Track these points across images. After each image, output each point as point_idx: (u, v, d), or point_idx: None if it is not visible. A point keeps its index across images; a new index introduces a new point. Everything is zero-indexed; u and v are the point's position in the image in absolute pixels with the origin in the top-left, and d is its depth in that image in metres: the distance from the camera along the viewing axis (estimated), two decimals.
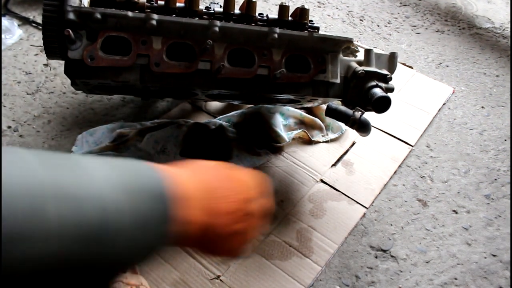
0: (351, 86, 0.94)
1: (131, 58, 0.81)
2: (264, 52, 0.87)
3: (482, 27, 1.84)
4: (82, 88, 0.98)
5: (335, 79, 0.92)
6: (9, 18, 1.58)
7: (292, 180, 1.15)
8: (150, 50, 0.82)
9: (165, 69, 0.83)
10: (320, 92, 0.93)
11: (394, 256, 1.03)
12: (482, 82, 1.56)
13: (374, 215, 1.11)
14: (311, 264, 0.98)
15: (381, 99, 0.88)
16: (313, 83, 0.92)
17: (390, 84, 0.94)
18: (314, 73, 0.90)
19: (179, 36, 0.84)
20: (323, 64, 0.91)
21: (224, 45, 0.85)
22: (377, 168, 1.20)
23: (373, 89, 0.90)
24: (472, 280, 0.99)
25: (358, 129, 0.97)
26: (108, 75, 0.82)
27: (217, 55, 0.85)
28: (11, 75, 1.42)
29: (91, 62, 0.80)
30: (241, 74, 0.87)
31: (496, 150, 1.31)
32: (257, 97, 1.02)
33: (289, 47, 0.89)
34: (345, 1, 1.95)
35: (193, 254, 0.97)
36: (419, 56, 1.66)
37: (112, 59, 0.81)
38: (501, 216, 1.13)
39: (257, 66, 0.87)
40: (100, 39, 0.80)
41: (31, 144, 1.21)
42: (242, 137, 1.22)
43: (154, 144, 1.13)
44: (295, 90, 0.91)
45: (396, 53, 0.99)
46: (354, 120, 0.95)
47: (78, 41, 0.80)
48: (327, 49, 0.91)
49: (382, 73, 0.93)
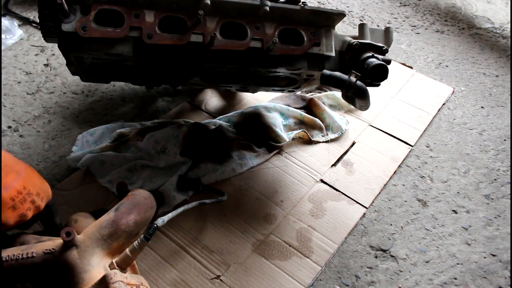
0: (347, 59, 0.94)
1: (123, 29, 0.83)
2: (257, 25, 0.88)
3: (481, 27, 1.84)
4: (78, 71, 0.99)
5: (330, 52, 0.92)
6: (9, 18, 1.58)
7: (292, 180, 1.15)
8: (142, 23, 0.84)
9: (158, 41, 0.85)
10: (316, 65, 0.93)
11: (394, 256, 1.03)
12: (482, 82, 1.56)
13: (374, 215, 1.11)
14: (311, 264, 0.98)
15: (378, 66, 0.88)
16: (308, 56, 0.92)
17: (387, 57, 0.94)
18: (308, 46, 0.91)
19: (171, 10, 0.85)
20: (316, 37, 0.91)
21: (216, 18, 0.87)
22: (377, 168, 1.21)
23: (369, 59, 0.90)
24: (471, 279, 0.99)
25: (354, 94, 0.91)
26: (101, 47, 0.84)
27: (209, 28, 0.86)
28: (12, 75, 1.42)
29: (84, 33, 0.81)
30: (234, 46, 0.87)
31: (495, 150, 1.31)
32: (253, 75, 1.01)
33: (281, 21, 0.90)
34: (345, 1, 1.95)
35: (193, 254, 0.97)
36: (418, 56, 1.67)
37: (104, 30, 0.82)
38: (500, 216, 1.13)
39: (250, 38, 0.88)
40: (93, 12, 0.82)
41: (31, 144, 1.21)
42: (242, 137, 1.22)
43: (154, 144, 1.13)
44: (289, 63, 0.92)
45: (391, 27, 0.99)
46: (350, 84, 0.88)
47: (72, 15, 0.81)
48: (320, 23, 0.91)
49: (377, 45, 0.93)
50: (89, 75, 1.03)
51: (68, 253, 0.69)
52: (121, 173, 1.10)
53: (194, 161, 1.13)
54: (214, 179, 1.12)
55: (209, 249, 0.99)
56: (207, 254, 0.98)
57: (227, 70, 0.97)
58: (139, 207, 0.78)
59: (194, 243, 0.99)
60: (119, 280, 0.65)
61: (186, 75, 1.03)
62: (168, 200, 1.05)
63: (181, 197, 1.06)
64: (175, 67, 0.97)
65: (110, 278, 0.65)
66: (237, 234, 1.02)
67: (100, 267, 0.69)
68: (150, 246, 0.96)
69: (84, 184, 1.09)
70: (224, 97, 1.40)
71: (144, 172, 1.11)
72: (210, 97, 1.38)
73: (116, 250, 0.73)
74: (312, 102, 1.33)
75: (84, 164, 1.11)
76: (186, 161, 1.13)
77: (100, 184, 1.09)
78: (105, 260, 0.71)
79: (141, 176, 1.10)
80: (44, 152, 1.19)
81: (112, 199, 1.06)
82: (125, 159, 1.12)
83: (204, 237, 1.01)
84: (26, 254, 0.69)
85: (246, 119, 1.26)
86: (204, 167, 1.12)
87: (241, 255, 0.98)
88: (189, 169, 1.12)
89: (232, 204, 1.08)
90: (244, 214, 1.06)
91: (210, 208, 1.05)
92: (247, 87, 1.14)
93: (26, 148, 1.20)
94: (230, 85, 1.11)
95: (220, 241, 1.00)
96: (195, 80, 1.07)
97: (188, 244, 0.99)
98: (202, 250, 0.98)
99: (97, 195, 1.07)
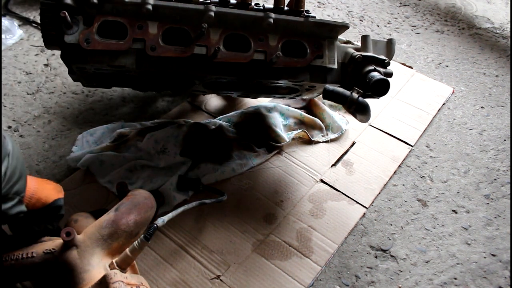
0: (349, 71, 0.94)
1: (127, 42, 0.83)
2: (260, 37, 0.88)
3: (481, 27, 1.84)
4: (80, 78, 0.99)
5: (332, 65, 0.92)
6: (9, 18, 1.58)
7: (292, 180, 1.15)
8: (146, 35, 0.83)
9: (161, 53, 0.84)
10: (318, 78, 0.93)
11: (394, 256, 1.03)
12: (482, 82, 1.56)
13: (374, 215, 1.11)
14: (311, 264, 0.98)
15: (380, 81, 0.88)
16: (310, 68, 0.92)
17: (389, 69, 0.94)
18: (311, 58, 0.90)
19: (175, 21, 0.85)
20: (319, 49, 0.91)
21: (219, 30, 0.86)
22: (377, 168, 1.21)
23: (371, 72, 0.90)
24: (471, 279, 0.99)
25: (356, 110, 0.92)
26: (104, 59, 0.83)
27: (212, 40, 0.86)
28: (12, 75, 1.42)
29: (87, 45, 0.81)
30: (237, 59, 0.87)
31: (495, 150, 1.31)
32: (255, 85, 1.01)
33: (285, 33, 0.90)
34: (345, 1, 1.95)
35: (193, 254, 0.97)
36: (419, 56, 1.67)
37: (108, 43, 0.82)
38: (500, 216, 1.13)
39: (253, 51, 0.88)
40: (96, 23, 0.81)
41: (31, 144, 1.21)
42: (242, 137, 1.22)
43: (154, 144, 1.13)
44: (292, 75, 0.91)
45: (393, 39, 0.99)
46: (352, 101, 0.90)
47: (75, 26, 0.81)
48: (323, 35, 0.91)
49: (379, 57, 0.93)
50: (90, 82, 1.02)
51: (68, 253, 0.69)
52: (121, 173, 1.10)
53: (194, 161, 1.13)
54: (214, 179, 1.12)
55: (209, 249, 0.99)
56: (207, 254, 0.98)
57: (229, 81, 0.97)
58: (139, 207, 0.78)
59: (194, 243, 0.99)
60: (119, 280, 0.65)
61: (188, 84, 1.03)
62: (168, 200, 1.05)
63: (181, 197, 1.06)
64: (177, 78, 0.97)
65: (110, 278, 0.65)
66: (237, 234, 1.02)
67: (100, 267, 0.69)
68: (150, 246, 0.96)
69: (84, 184, 1.09)
70: (224, 97, 1.40)
71: (144, 172, 1.11)
72: (210, 97, 1.38)
73: (116, 250, 0.74)
74: (312, 102, 1.33)
75: (84, 164, 1.11)
76: (186, 161, 1.13)
77: (100, 184, 1.09)
78: (105, 260, 0.71)
79: (141, 176, 1.10)
80: (44, 152, 1.19)
81: (112, 199, 1.06)
82: (125, 159, 1.12)
83: (204, 237, 1.01)
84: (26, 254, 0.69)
85: (246, 119, 1.26)
86: (204, 167, 1.12)
87: (241, 255, 0.98)
88: (189, 169, 1.12)
89: (232, 204, 1.08)
90: (244, 214, 1.06)
91: (210, 208, 1.05)
92: (248, 94, 1.14)
93: (26, 148, 1.20)
94: (232, 92, 1.12)
95: (220, 241, 1.00)
96: (196, 88, 1.07)
97: (188, 244, 0.99)
98: (202, 250, 0.98)
99: (97, 195, 1.07)
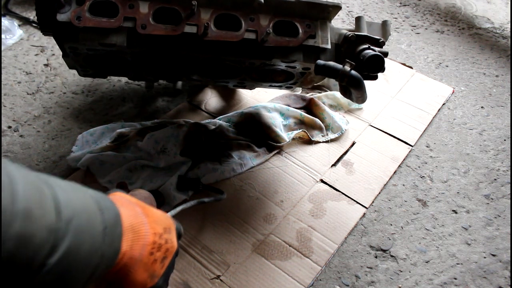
0: (343, 51, 0.94)
1: (118, 20, 0.84)
2: (251, 17, 0.88)
3: (481, 27, 1.84)
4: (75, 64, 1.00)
5: (325, 45, 0.92)
6: (9, 18, 1.58)
7: (292, 180, 1.15)
8: (136, 14, 0.85)
9: (152, 31, 0.85)
10: (311, 57, 0.93)
11: (394, 256, 1.03)
12: (482, 82, 1.56)
13: (374, 215, 1.11)
14: (311, 264, 0.98)
15: (373, 57, 0.87)
16: (303, 48, 0.92)
17: (384, 49, 0.94)
18: (303, 38, 0.91)
19: (166, 1, 0.86)
20: (311, 29, 0.91)
21: (210, 10, 0.87)
22: (377, 168, 1.21)
23: (365, 50, 0.90)
24: (471, 279, 0.99)
25: (349, 84, 0.88)
26: (95, 37, 0.85)
27: (203, 19, 0.87)
28: (12, 75, 1.42)
29: (78, 22, 0.83)
30: (228, 37, 0.88)
31: (495, 150, 1.31)
32: (248, 69, 1.01)
33: (276, 13, 0.90)
34: (345, 1, 1.95)
35: (193, 254, 0.97)
36: (418, 56, 1.67)
37: (99, 20, 0.84)
38: (500, 216, 1.13)
39: (244, 30, 0.89)
40: (88, 2, 0.83)
41: (31, 144, 1.21)
42: (242, 137, 1.22)
43: (154, 144, 1.13)
44: (284, 55, 0.92)
45: (388, 21, 0.99)
46: (344, 74, 0.86)
47: (67, 6, 0.83)
48: (316, 15, 0.92)
49: (374, 37, 0.92)
50: (85, 68, 1.03)
51: None
52: (121, 173, 1.10)
53: (194, 161, 1.13)
54: (214, 179, 1.12)
55: (209, 249, 0.99)
56: (207, 254, 0.98)
57: (222, 63, 0.97)
58: None
59: (194, 243, 0.99)
60: None
61: (182, 69, 1.03)
62: (168, 200, 1.05)
63: (181, 197, 1.06)
64: (170, 60, 0.98)
65: None
66: (237, 234, 1.02)
67: None
68: None
69: (84, 184, 1.09)
70: (224, 97, 1.40)
71: (144, 172, 1.11)
72: (210, 97, 1.39)
73: None
74: (312, 102, 1.33)
75: (84, 164, 1.11)
76: (186, 161, 1.13)
77: (100, 184, 1.09)
78: None
79: (141, 176, 1.10)
80: (44, 152, 1.19)
81: None
82: (125, 159, 1.12)
83: (204, 237, 1.01)
84: None
85: (246, 119, 1.26)
86: (204, 167, 1.12)
87: (241, 255, 0.98)
88: (189, 169, 1.12)
89: (232, 204, 1.08)
90: (244, 214, 1.06)
91: (209, 208, 1.05)
92: (244, 83, 1.14)
93: (26, 148, 1.20)
94: (227, 80, 1.11)
95: (220, 241, 1.00)
96: (192, 76, 1.07)
97: (188, 244, 0.99)
98: (202, 250, 0.98)
99: None
